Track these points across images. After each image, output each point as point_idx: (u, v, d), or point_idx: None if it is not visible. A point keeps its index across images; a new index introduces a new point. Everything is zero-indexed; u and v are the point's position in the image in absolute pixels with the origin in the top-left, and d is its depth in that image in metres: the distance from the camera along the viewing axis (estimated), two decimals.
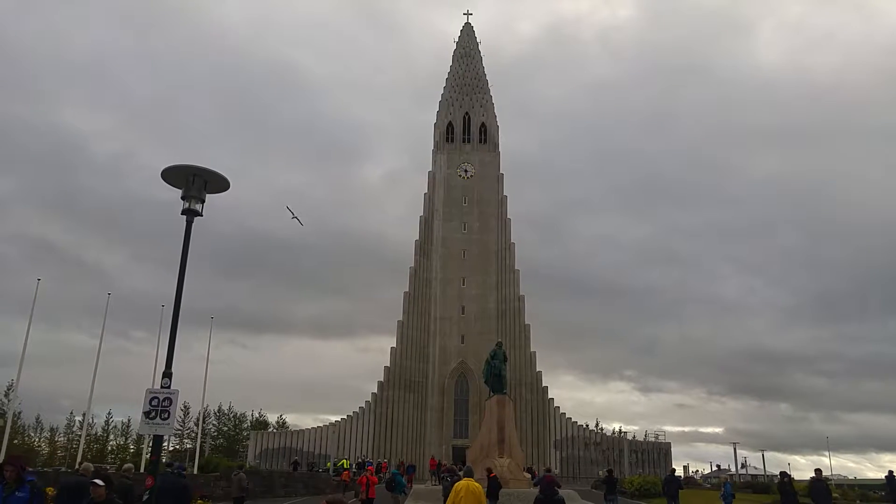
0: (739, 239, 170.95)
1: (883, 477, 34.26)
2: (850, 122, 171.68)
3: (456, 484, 12.59)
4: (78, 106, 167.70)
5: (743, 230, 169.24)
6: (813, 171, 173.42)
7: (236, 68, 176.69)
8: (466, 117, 77.99)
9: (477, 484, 12.65)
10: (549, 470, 18.59)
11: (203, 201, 10.24)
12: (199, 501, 17.65)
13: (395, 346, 68.97)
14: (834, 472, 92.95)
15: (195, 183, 10.06)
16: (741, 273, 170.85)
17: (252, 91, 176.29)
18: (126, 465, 14.61)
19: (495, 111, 79.62)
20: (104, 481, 11.51)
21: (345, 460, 54.06)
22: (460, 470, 30.20)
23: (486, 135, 77.53)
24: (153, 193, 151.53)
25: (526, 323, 70.34)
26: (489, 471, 20.00)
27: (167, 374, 9.24)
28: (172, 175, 10.12)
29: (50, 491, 16.60)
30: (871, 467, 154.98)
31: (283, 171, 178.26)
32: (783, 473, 19.52)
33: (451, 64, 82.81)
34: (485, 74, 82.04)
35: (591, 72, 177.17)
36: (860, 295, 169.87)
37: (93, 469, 14.04)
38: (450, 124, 77.75)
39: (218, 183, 10.38)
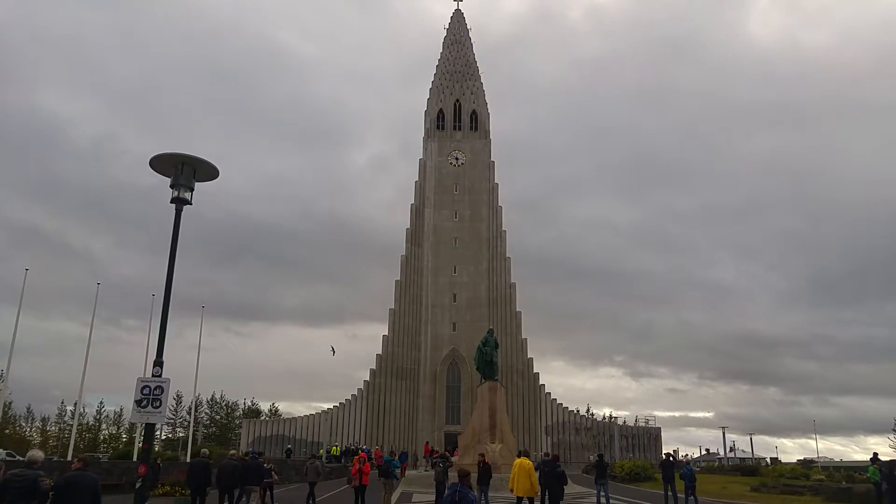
0: (735, 221, 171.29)
1: (868, 459, 34.76)
2: (848, 99, 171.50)
3: (515, 461, 16.44)
4: (55, 88, 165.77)
5: (738, 212, 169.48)
6: (809, 150, 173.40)
7: (219, 48, 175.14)
8: (457, 104, 77.76)
9: (529, 461, 16.21)
10: (554, 455, 19.01)
11: (192, 190, 10.21)
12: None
13: (386, 334, 69.17)
14: (821, 455, 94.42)
15: (184, 171, 10.03)
16: (736, 256, 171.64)
17: (236, 72, 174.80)
18: (231, 452, 20.67)
19: (486, 97, 79.48)
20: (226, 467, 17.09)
21: (335, 447, 54.32)
22: (453, 455, 30.47)
23: (476, 122, 77.36)
24: (138, 178, 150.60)
25: (517, 310, 70.66)
26: (482, 456, 20.23)
27: (158, 362, 9.27)
28: (160, 163, 10.08)
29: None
30: (857, 450, 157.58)
31: (268, 155, 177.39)
32: (892, 462, 15.99)
33: (441, 51, 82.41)
34: (475, 61, 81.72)
35: (580, 49, 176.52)
36: (857, 277, 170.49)
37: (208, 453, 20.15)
38: (440, 111, 77.51)
39: (206, 171, 10.34)
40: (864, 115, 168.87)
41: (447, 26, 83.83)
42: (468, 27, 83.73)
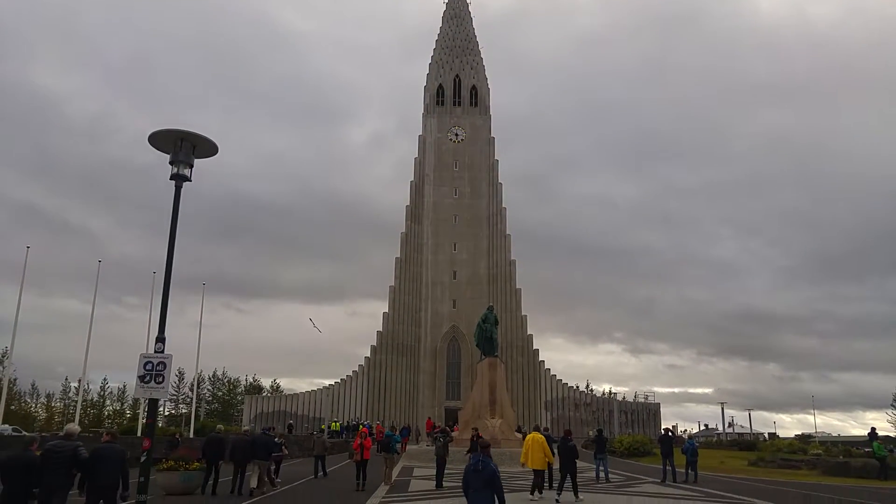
0: (736, 197, 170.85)
1: (866, 434, 35.13)
2: (853, 74, 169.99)
3: (527, 436, 17.39)
4: (51, 65, 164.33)
5: (740, 188, 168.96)
6: (813, 126, 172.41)
7: (216, 24, 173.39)
8: (457, 80, 77.12)
9: (541, 435, 17.08)
10: (566, 430, 19.90)
11: (191, 166, 10.14)
12: (197, 464, 17.97)
13: (387, 311, 69.40)
14: (819, 430, 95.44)
15: (183, 147, 9.94)
16: (738, 233, 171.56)
17: (233, 48, 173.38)
18: (245, 429, 24.56)
19: (486, 73, 78.78)
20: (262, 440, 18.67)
21: (335, 422, 54.79)
22: (453, 430, 30.76)
23: (476, 98, 76.80)
24: (136, 156, 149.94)
25: (517, 287, 70.80)
26: (475, 430, 20.54)
27: (160, 338, 9.29)
28: (159, 139, 9.99)
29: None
30: (855, 425, 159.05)
31: (267, 132, 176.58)
32: None
33: (440, 25, 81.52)
34: (475, 36, 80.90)
35: (581, 23, 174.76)
36: (859, 253, 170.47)
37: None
38: (440, 87, 76.90)
39: (206, 147, 10.25)
40: (870, 90, 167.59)
41: (447, 0, 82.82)
42: (467, 1, 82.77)
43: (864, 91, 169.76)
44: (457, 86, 76.97)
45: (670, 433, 26.54)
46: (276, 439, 20.85)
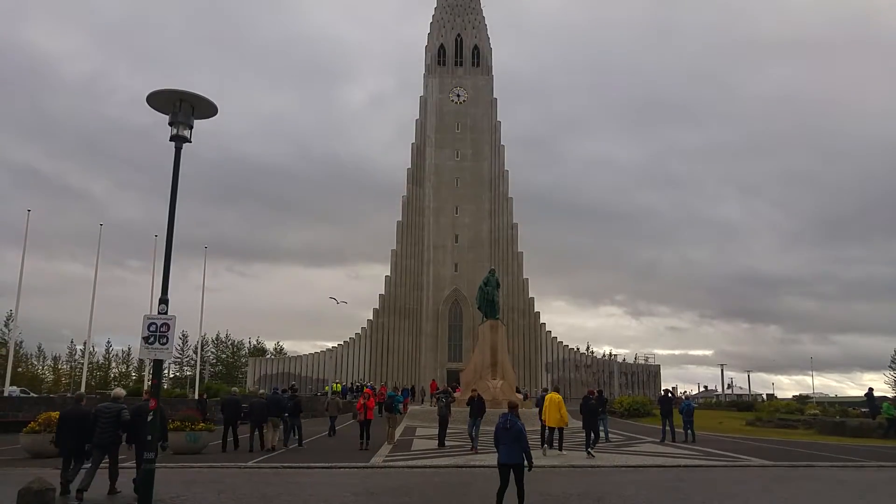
0: (741, 158, 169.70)
1: (863, 394, 35.50)
2: (860, 32, 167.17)
3: (546, 395, 18.67)
4: (43, 24, 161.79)
5: (745, 149, 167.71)
6: (819, 86, 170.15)
7: None
8: (458, 39, 75.81)
9: (558, 395, 18.09)
10: (589, 391, 21.15)
11: (191, 127, 10.01)
12: (203, 424, 18.29)
13: (389, 274, 69.62)
14: (816, 391, 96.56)
15: (182, 108, 9.80)
16: (742, 194, 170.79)
17: (230, 6, 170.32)
18: (260, 391, 26.28)
19: (488, 32, 77.40)
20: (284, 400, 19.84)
21: (337, 384, 55.46)
22: (455, 391, 31.15)
23: (478, 58, 75.60)
24: (133, 117, 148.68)
25: (519, 250, 70.84)
26: (475, 391, 20.87)
27: (163, 300, 9.31)
28: (158, 100, 9.85)
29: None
30: (852, 385, 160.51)
31: (264, 93, 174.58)
32: None
33: None
34: None
35: None
36: (864, 215, 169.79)
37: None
38: (441, 47, 75.66)
39: (205, 108, 10.10)
40: (877, 49, 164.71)
41: None
42: None
43: (872, 50, 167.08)
44: (458, 45, 75.70)
45: (670, 394, 26.85)
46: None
